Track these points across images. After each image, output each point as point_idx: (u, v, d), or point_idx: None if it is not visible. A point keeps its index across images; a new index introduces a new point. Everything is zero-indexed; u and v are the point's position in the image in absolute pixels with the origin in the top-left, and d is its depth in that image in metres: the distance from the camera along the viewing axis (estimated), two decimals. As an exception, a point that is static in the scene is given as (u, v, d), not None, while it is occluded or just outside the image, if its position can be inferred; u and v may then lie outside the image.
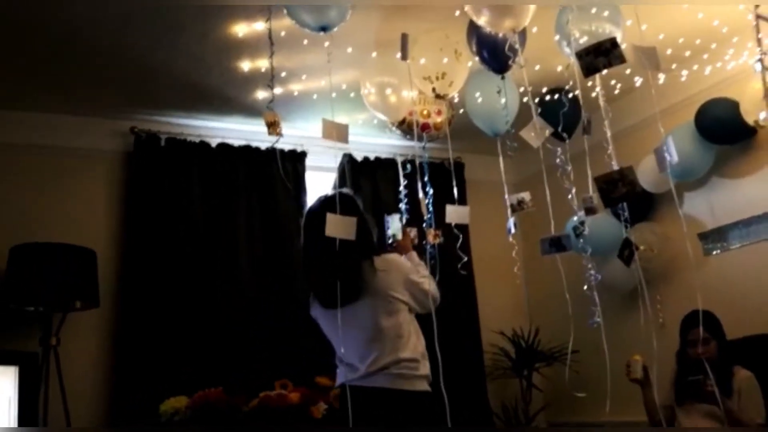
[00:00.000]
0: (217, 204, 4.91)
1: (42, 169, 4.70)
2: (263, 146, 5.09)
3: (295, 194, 5.15)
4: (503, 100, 3.81)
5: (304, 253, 3.14)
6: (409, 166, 4.35)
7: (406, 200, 4.14)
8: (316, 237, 2.96)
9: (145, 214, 4.74)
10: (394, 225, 3.48)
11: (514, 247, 3.96)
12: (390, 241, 3.55)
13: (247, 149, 5.08)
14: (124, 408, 4.37)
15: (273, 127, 3.64)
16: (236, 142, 5.07)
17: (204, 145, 4.98)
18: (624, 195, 3.06)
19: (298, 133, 5.20)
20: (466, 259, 3.73)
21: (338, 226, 2.82)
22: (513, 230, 3.68)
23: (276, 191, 5.10)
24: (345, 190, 3.27)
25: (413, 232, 3.56)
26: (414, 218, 4.18)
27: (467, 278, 5.36)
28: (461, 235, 4.06)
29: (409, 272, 3.12)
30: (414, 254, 3.38)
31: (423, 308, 3.14)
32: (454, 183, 4.14)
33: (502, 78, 3.70)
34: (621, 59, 2.96)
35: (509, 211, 3.63)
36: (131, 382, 4.43)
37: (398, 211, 3.90)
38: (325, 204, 3.08)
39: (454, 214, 3.69)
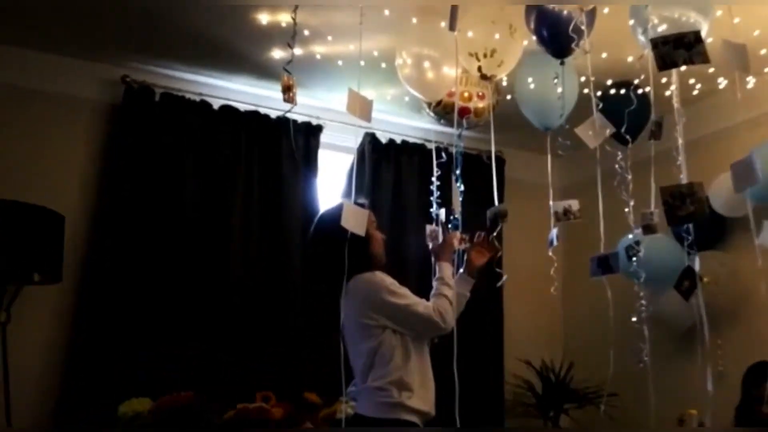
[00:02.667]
0: (213, 175, 4.93)
1: (11, 114, 4.68)
2: (273, 114, 5.11)
3: (305, 173, 5.18)
4: (560, 90, 3.80)
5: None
6: (443, 154, 4.33)
7: (438, 195, 4.14)
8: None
9: (128, 180, 4.74)
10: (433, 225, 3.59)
11: (553, 264, 3.94)
12: (431, 244, 3.63)
13: (254, 115, 5.11)
14: (75, 402, 4.33)
15: (288, 92, 3.66)
16: (243, 106, 5.09)
17: (205, 105, 5.00)
18: (691, 214, 3.03)
19: (316, 103, 5.20)
20: (504, 276, 3.73)
21: (352, 218, 3.06)
22: (555, 243, 3.69)
23: (282, 167, 5.13)
24: (361, 200, 3.43)
25: (456, 236, 3.60)
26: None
27: (493, 295, 5.36)
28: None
29: (381, 293, 3.23)
30: (445, 266, 3.46)
31: (415, 332, 3.27)
32: (495, 180, 4.12)
33: (562, 63, 3.68)
34: (704, 58, 2.93)
35: (552, 220, 3.63)
36: (87, 374, 4.40)
37: (440, 205, 3.93)
38: (327, 219, 3.37)
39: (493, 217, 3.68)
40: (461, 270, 3.64)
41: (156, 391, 4.18)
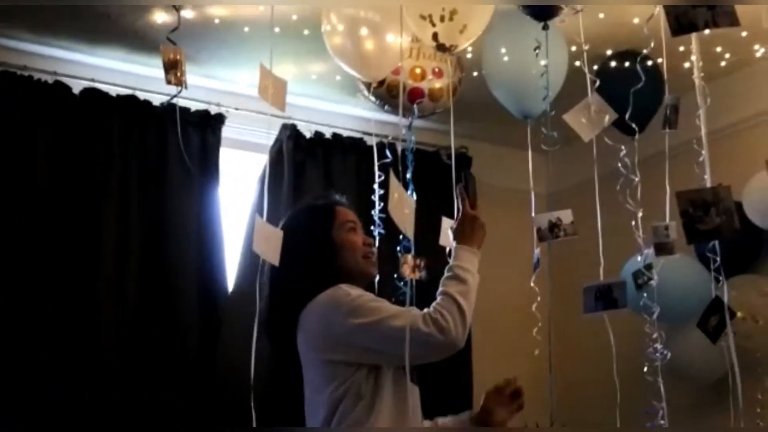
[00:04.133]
0: (74, 183, 4.85)
1: None
2: (157, 100, 5.08)
3: (201, 179, 5.14)
4: (543, 63, 3.83)
5: None
6: (388, 152, 4.33)
7: (381, 207, 4.13)
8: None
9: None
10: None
11: (536, 297, 3.95)
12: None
13: (129, 102, 5.05)
14: None
15: (173, 70, 3.63)
16: (113, 90, 5.03)
17: (61, 88, 4.92)
18: (717, 229, 3.07)
19: (215, 85, 5.22)
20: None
21: (264, 241, 3.00)
22: (537, 268, 3.76)
23: (169, 172, 5.08)
24: (338, 197, 3.42)
25: (409, 262, 3.53)
26: (387, 236, 4.18)
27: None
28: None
29: (339, 315, 3.02)
30: (462, 252, 3.26)
31: (400, 359, 2.85)
32: (455, 185, 4.11)
33: (545, 28, 3.71)
34: (733, 20, 2.98)
35: (536, 237, 3.64)
36: None
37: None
38: (291, 219, 3.35)
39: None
40: (465, 414, 3.58)
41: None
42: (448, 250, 3.59)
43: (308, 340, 3.12)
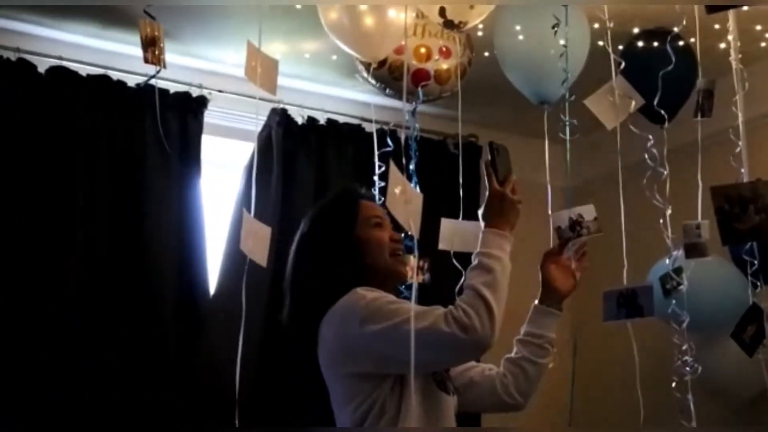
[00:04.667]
0: (38, 173, 4.83)
1: None
2: (132, 81, 5.06)
3: (182, 169, 5.14)
4: (562, 42, 3.82)
5: None
6: (390, 140, 4.31)
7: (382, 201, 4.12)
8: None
9: None
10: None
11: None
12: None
13: (101, 82, 5.03)
14: None
15: (152, 48, 3.61)
16: (84, 69, 5.01)
17: (24, 66, 4.89)
18: (755, 228, 3.05)
19: (197, 64, 5.22)
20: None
21: (252, 238, 3.07)
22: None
23: (146, 160, 5.07)
24: (363, 189, 3.41)
25: (411, 264, 3.48)
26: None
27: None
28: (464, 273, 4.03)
29: (355, 323, 2.94)
30: (492, 235, 3.18)
31: (421, 366, 2.84)
32: (461, 177, 4.11)
33: (564, 3, 3.70)
34: (775, -5, 2.97)
35: (552, 236, 3.61)
36: None
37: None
38: (310, 217, 3.26)
39: (453, 234, 3.64)
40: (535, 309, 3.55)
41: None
42: (452, 252, 3.59)
43: (326, 353, 3.05)
